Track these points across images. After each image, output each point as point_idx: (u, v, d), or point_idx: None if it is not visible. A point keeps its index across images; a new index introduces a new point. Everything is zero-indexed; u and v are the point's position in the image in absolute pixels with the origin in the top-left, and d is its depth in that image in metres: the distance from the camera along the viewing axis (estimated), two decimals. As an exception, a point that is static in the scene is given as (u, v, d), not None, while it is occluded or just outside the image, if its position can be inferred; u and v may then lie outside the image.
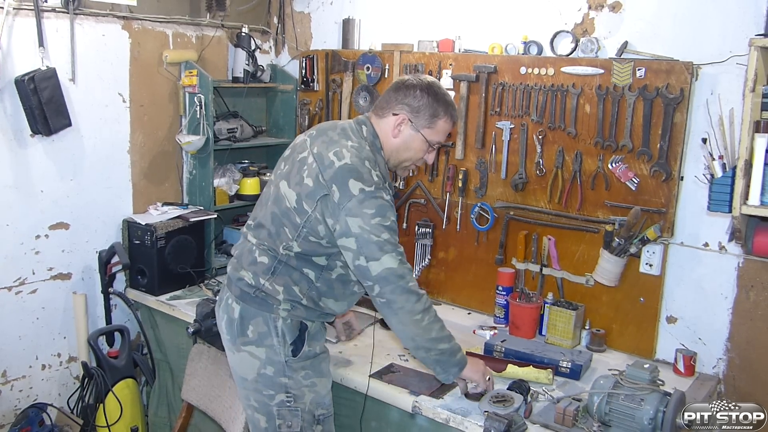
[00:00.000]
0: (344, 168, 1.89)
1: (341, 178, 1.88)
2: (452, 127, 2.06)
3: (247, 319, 2.00)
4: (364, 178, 1.88)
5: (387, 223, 1.88)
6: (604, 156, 2.52)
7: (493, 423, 1.91)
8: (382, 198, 1.89)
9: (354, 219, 1.86)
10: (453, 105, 2.03)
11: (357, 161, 1.91)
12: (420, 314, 1.91)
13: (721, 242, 2.37)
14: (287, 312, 1.98)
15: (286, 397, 1.98)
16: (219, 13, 3.26)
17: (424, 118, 1.99)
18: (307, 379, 2.00)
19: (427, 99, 1.98)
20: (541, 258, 2.72)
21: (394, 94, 2.01)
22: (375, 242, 1.86)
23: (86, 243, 3.03)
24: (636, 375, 1.94)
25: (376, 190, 1.88)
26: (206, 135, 3.13)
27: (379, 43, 3.13)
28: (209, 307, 2.42)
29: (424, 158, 2.07)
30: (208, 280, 3.15)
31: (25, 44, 2.67)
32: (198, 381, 2.50)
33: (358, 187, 1.87)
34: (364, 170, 1.90)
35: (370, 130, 2.02)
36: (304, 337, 2.00)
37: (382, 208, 1.88)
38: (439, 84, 2.04)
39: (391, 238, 1.89)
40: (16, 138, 2.72)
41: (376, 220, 1.86)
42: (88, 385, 2.92)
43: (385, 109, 2.02)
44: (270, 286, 1.98)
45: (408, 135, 2.00)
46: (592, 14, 2.56)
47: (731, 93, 2.26)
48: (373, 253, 1.87)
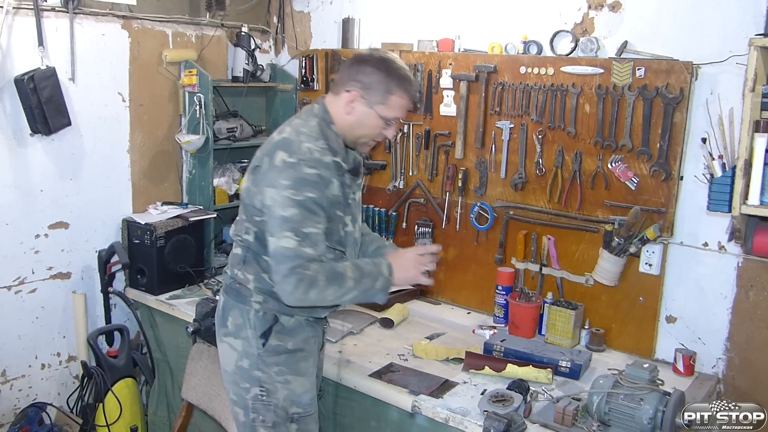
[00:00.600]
0: (278, 141, 1.87)
1: (272, 150, 1.86)
2: (410, 102, 1.96)
3: (226, 310, 2.01)
4: (292, 149, 1.83)
5: (299, 197, 1.80)
6: (604, 156, 2.52)
7: (492, 422, 1.91)
8: (302, 170, 1.81)
9: (270, 189, 1.82)
10: (408, 79, 1.92)
11: (293, 134, 1.88)
12: (302, 294, 1.80)
13: (720, 242, 2.37)
14: (259, 304, 1.96)
15: (260, 391, 1.96)
16: (219, 13, 3.26)
17: (376, 95, 1.89)
18: (281, 375, 1.96)
19: (378, 75, 1.89)
20: (540, 258, 2.72)
21: (347, 71, 1.94)
22: (278, 216, 1.80)
23: (86, 242, 3.03)
24: (635, 375, 1.94)
25: (299, 162, 1.81)
26: (206, 134, 3.14)
27: (378, 42, 3.13)
28: (209, 306, 2.42)
29: (382, 134, 1.98)
30: (208, 279, 3.15)
31: (24, 43, 2.67)
32: (198, 380, 2.50)
33: (281, 158, 1.82)
34: (295, 141, 1.85)
35: (321, 106, 1.96)
36: (272, 330, 1.96)
37: (299, 182, 1.80)
38: (394, 58, 1.94)
39: (300, 215, 1.80)
40: (15, 137, 2.71)
41: (288, 192, 1.79)
42: (87, 385, 2.92)
43: (339, 86, 1.95)
44: (242, 275, 1.97)
45: (361, 112, 1.92)
46: (592, 14, 2.56)
47: (731, 93, 2.25)
48: (273, 227, 1.82)
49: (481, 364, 2.32)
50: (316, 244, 1.83)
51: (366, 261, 1.98)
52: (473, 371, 2.32)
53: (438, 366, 2.40)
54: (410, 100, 1.96)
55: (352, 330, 2.66)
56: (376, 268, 1.94)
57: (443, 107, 2.90)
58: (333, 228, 1.93)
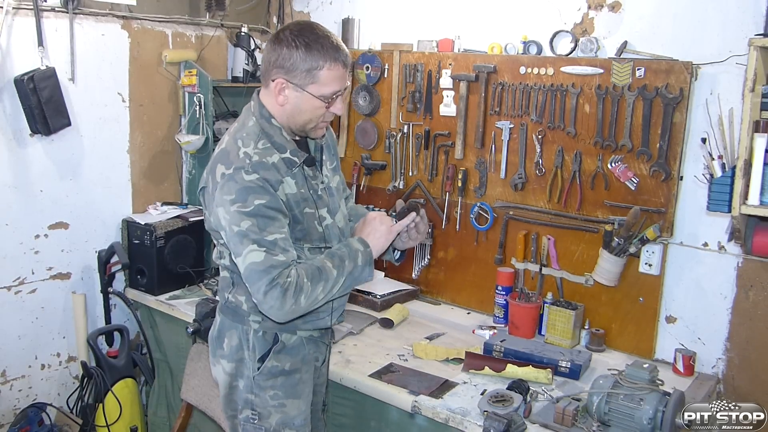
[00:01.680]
0: (217, 155, 1.75)
1: (213, 167, 1.74)
2: (343, 68, 1.75)
3: (222, 331, 1.92)
4: (229, 159, 1.71)
5: (248, 208, 1.66)
6: (604, 156, 2.52)
7: (492, 423, 1.91)
8: (242, 179, 1.67)
9: (219, 209, 1.71)
10: (334, 46, 1.72)
11: (230, 143, 1.75)
12: (292, 305, 1.68)
13: (720, 242, 2.37)
14: (258, 323, 1.86)
15: (251, 414, 1.88)
16: (218, 13, 3.26)
17: (302, 76, 1.71)
18: (276, 399, 1.87)
19: (297, 53, 1.70)
20: (540, 258, 2.72)
21: (266, 57, 1.76)
22: (236, 234, 1.68)
23: (85, 243, 3.03)
24: (635, 375, 1.94)
25: (236, 171, 1.68)
26: (206, 135, 3.14)
27: (378, 42, 3.13)
28: (208, 306, 2.42)
29: (329, 112, 1.80)
30: (208, 279, 3.15)
31: (24, 44, 2.67)
32: (197, 381, 2.50)
33: (220, 172, 1.70)
34: (232, 151, 1.72)
35: (256, 102, 1.82)
36: (270, 351, 1.86)
37: (241, 192, 1.67)
38: (311, 27, 1.74)
39: (256, 225, 1.67)
40: (15, 138, 2.71)
41: (236, 206, 1.67)
42: (87, 385, 2.92)
43: (265, 77, 1.79)
44: (233, 298, 1.88)
45: (294, 98, 1.75)
46: (592, 14, 2.56)
47: (731, 93, 2.25)
48: (236, 247, 1.70)
49: (481, 365, 2.32)
50: (285, 249, 1.70)
51: (337, 246, 1.85)
52: (473, 371, 2.32)
53: (438, 366, 2.40)
54: (343, 66, 1.75)
55: (352, 330, 2.66)
56: (348, 247, 1.82)
57: (443, 107, 2.90)
58: (308, 227, 1.82)
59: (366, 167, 3.15)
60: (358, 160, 3.18)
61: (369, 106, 3.11)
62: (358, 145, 3.19)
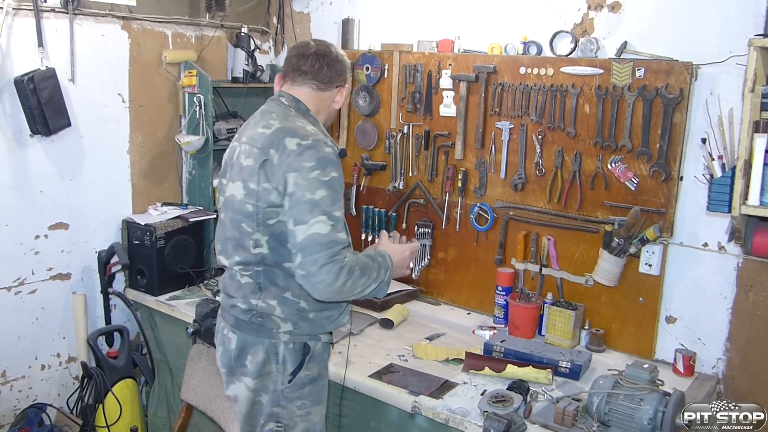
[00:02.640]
0: (277, 130, 1.81)
1: (277, 140, 1.79)
2: None
3: (245, 349, 1.88)
4: (299, 133, 1.79)
5: (326, 178, 1.73)
6: (604, 156, 2.52)
7: (492, 423, 1.91)
8: (323, 149, 1.77)
9: (292, 174, 1.74)
10: None
11: (287, 122, 1.83)
12: (341, 285, 1.72)
13: (720, 242, 2.37)
14: (289, 335, 1.85)
15: (276, 426, 1.88)
16: (218, 13, 3.26)
17: (347, 81, 2.03)
18: (302, 409, 1.89)
19: (344, 65, 2.00)
20: (540, 258, 2.72)
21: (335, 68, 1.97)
22: (307, 201, 1.71)
23: (85, 243, 3.03)
24: (635, 375, 1.94)
25: (315, 142, 1.77)
26: (206, 135, 3.14)
27: (378, 43, 3.13)
28: (209, 307, 2.42)
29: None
30: (208, 280, 3.15)
31: (24, 44, 2.67)
32: (197, 381, 2.50)
33: (294, 142, 1.77)
34: (297, 126, 1.82)
35: (288, 97, 1.93)
36: (304, 361, 1.86)
37: (323, 161, 1.75)
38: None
39: (329, 197, 1.72)
40: (15, 138, 2.71)
41: (315, 173, 1.72)
42: (87, 386, 2.92)
43: (327, 84, 1.96)
44: (263, 303, 1.84)
45: (340, 99, 2.01)
46: (592, 14, 2.56)
47: (730, 93, 2.26)
48: (302, 214, 1.71)
49: (481, 365, 2.32)
50: (345, 228, 1.77)
51: (374, 253, 1.92)
52: (473, 372, 2.32)
53: (438, 366, 2.40)
54: None
55: (352, 331, 2.65)
56: (384, 260, 1.90)
57: (443, 108, 2.90)
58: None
59: (366, 167, 3.15)
60: (358, 161, 3.18)
61: (369, 107, 3.11)
62: (358, 145, 3.19)
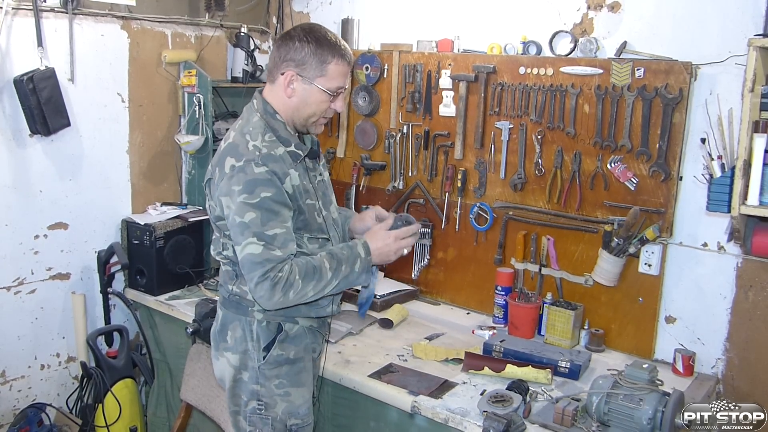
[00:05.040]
0: (225, 148, 1.82)
1: (221, 159, 1.81)
2: (348, 66, 1.88)
3: (226, 324, 1.96)
4: (238, 151, 1.78)
5: (255, 200, 1.74)
6: (603, 156, 2.52)
7: (492, 423, 1.91)
8: (251, 171, 1.74)
9: (224, 198, 1.78)
10: (339, 44, 1.85)
11: (238, 137, 1.82)
12: (279, 299, 1.76)
13: (720, 242, 2.37)
14: (262, 314, 1.90)
15: (258, 405, 1.92)
16: (218, 13, 3.26)
17: (312, 68, 1.82)
18: (281, 388, 1.92)
19: (309, 47, 1.81)
20: (540, 258, 2.72)
21: (277, 53, 1.86)
22: (237, 224, 1.75)
23: (85, 243, 3.03)
24: (635, 375, 1.94)
25: (246, 163, 1.75)
26: (205, 135, 3.14)
27: (378, 43, 3.13)
28: (208, 306, 2.42)
29: (331, 108, 1.90)
30: (207, 280, 3.15)
31: (23, 44, 2.66)
32: (197, 381, 2.50)
33: (230, 164, 1.77)
34: (241, 143, 1.79)
35: (259, 100, 1.89)
36: (275, 340, 1.91)
37: (250, 183, 1.74)
38: (319, 27, 1.87)
39: (259, 219, 1.74)
40: (14, 138, 2.71)
41: (242, 197, 1.74)
42: (87, 385, 2.91)
43: (273, 72, 1.87)
44: (237, 289, 1.92)
45: (302, 90, 1.84)
46: (591, 14, 2.56)
47: (730, 93, 2.26)
48: (236, 236, 1.77)
49: (480, 365, 2.32)
50: (284, 244, 1.77)
51: (341, 246, 1.91)
52: (473, 372, 2.32)
53: (437, 366, 2.40)
54: (347, 64, 1.87)
55: (351, 330, 2.66)
56: (352, 251, 1.89)
57: (442, 108, 2.90)
58: (309, 218, 1.89)
59: (365, 167, 3.15)
60: (358, 161, 3.18)
61: (368, 107, 3.11)
62: (357, 145, 3.19)
